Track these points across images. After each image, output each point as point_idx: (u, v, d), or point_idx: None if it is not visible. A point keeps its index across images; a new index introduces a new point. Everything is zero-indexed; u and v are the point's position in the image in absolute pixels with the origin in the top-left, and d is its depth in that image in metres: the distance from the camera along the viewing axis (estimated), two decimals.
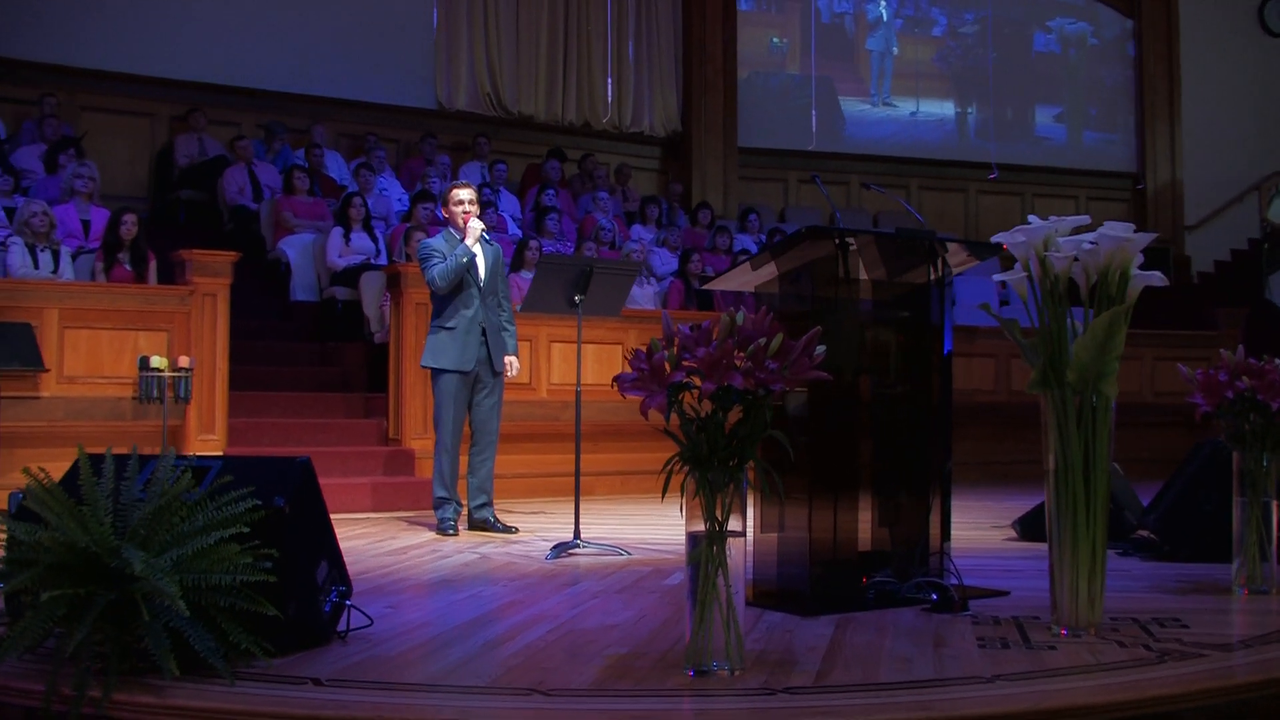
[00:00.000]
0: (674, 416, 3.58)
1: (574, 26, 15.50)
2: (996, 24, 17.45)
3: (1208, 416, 5.14)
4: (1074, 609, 4.21)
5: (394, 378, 9.40)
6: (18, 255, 8.73)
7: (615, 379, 3.61)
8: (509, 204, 13.47)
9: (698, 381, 3.55)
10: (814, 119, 16.06)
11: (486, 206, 11.99)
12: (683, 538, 3.67)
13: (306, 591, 3.92)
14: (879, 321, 5.06)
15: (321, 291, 11.23)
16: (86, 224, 9.80)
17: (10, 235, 8.94)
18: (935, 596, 4.71)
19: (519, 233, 12.41)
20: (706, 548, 3.62)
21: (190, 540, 3.61)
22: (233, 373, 9.33)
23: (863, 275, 5.03)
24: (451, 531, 7.32)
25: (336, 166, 13.24)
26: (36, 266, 8.78)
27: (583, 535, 6.61)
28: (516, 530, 7.46)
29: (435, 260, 7.35)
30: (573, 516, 6.73)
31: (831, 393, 4.72)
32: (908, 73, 17.23)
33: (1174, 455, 7.81)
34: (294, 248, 11.40)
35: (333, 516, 7.95)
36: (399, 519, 8.22)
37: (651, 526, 7.78)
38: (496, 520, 7.50)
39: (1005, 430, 11.74)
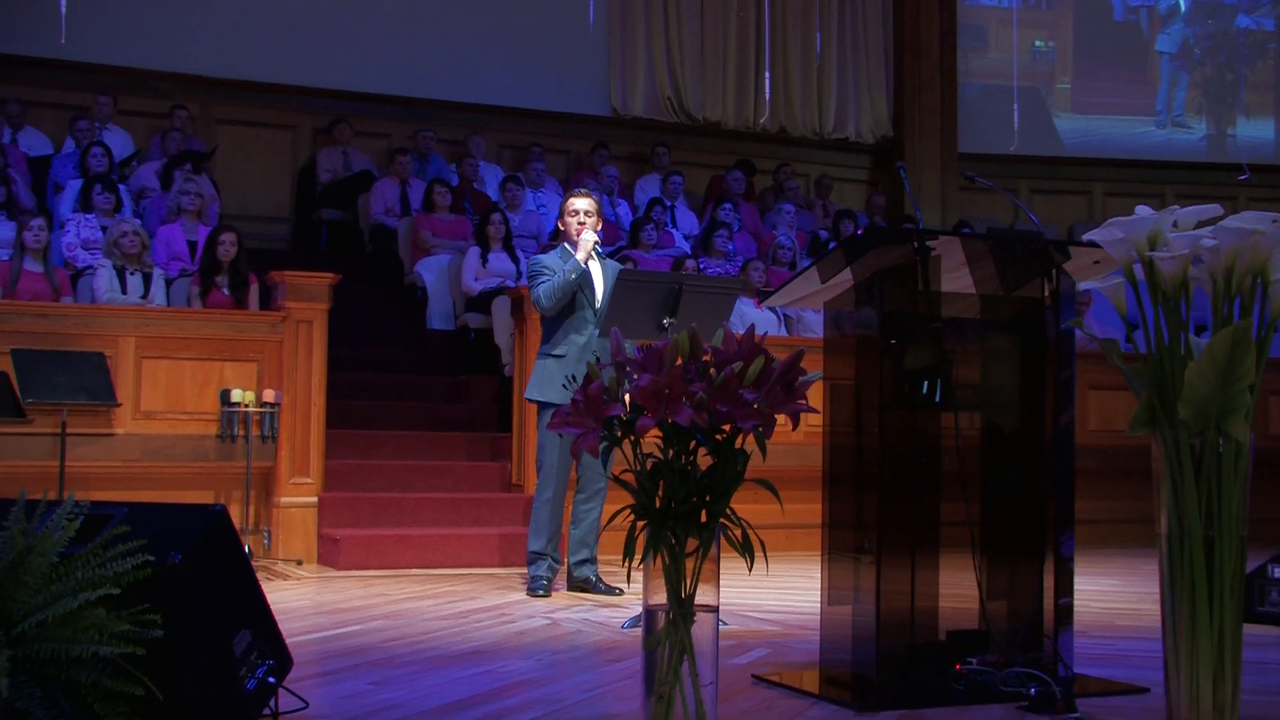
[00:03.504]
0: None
1: (766, 21, 14.99)
2: None
3: None
4: (1194, 717, 3.53)
5: (517, 415, 9.08)
6: (104, 279, 8.73)
7: (553, 414, 3.17)
8: (686, 220, 13.10)
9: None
10: (1020, 120, 15.12)
11: (644, 224, 11.65)
12: (814, 606, 3.21)
13: (216, 666, 3.58)
14: (974, 342, 4.47)
15: (457, 318, 11.03)
16: (193, 245, 9.76)
17: (101, 257, 8.98)
18: (1034, 691, 4.08)
19: (688, 250, 12.04)
20: (667, 627, 3.14)
21: (58, 603, 3.31)
22: (351, 408, 9.22)
23: (965, 288, 4.47)
24: (542, 592, 6.93)
25: (494, 181, 13.05)
26: (124, 291, 8.76)
27: None
28: (621, 592, 7.01)
29: (544, 278, 7.00)
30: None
31: (906, 427, 4.17)
32: (1198, 81, 16.18)
33: None
34: (431, 270, 11.24)
35: (433, 571, 7.90)
36: (510, 574, 7.88)
37: (793, 590, 7.23)
38: (599, 580, 7.07)
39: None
